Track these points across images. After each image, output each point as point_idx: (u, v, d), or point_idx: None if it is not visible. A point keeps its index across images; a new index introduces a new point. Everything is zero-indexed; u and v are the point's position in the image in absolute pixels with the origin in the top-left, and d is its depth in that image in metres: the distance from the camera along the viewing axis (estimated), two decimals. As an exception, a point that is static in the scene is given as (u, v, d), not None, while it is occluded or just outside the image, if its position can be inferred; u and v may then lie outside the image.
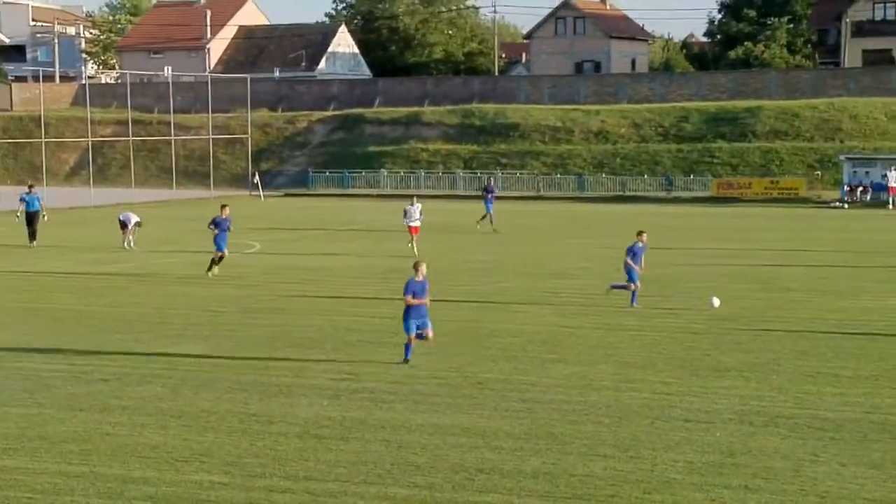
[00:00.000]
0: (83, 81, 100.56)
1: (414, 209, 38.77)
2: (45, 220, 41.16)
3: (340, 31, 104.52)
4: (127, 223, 39.65)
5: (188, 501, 12.79)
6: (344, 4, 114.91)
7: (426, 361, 20.10)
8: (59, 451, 14.75)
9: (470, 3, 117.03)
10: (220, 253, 31.58)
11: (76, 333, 23.22)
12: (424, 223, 40.06)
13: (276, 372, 19.34)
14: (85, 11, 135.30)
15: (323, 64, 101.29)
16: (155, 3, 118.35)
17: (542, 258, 36.51)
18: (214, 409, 16.84)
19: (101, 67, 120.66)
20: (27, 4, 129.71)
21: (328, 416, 16.41)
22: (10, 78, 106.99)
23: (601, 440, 15.12)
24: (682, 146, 73.23)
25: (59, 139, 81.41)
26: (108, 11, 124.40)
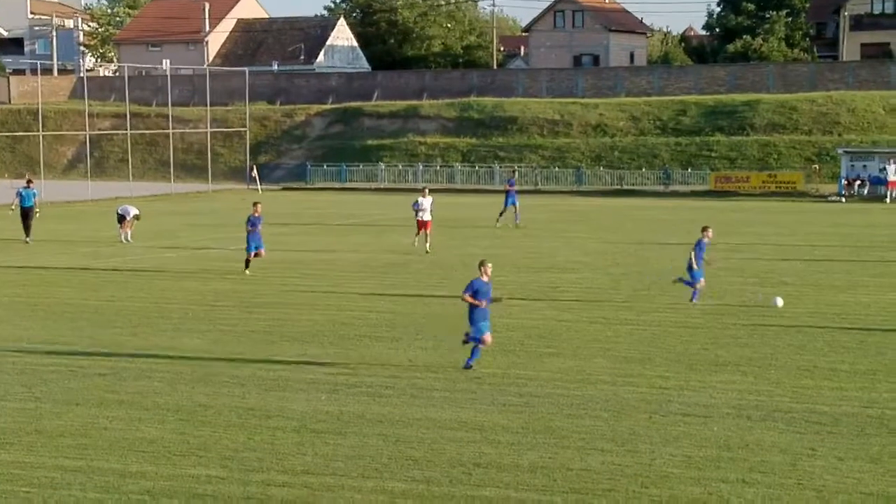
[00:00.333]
0: (81, 74, 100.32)
1: (426, 201, 37.02)
2: (37, 216, 40.79)
3: (339, 24, 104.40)
4: (125, 216, 39.51)
5: (185, 495, 12.80)
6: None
7: (423, 356, 20.11)
8: (55, 445, 14.75)
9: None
10: (255, 252, 30.92)
11: (73, 327, 23.21)
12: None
13: (273, 366, 19.34)
14: (83, 4, 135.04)
15: (321, 57, 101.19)
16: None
17: (539, 252, 36.49)
18: (212, 403, 16.84)
19: (99, 60, 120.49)
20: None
21: (326, 410, 16.41)
22: (7, 71, 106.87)
23: (599, 434, 15.13)
24: (680, 139, 73.20)
25: (56, 132, 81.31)
26: (106, 4, 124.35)
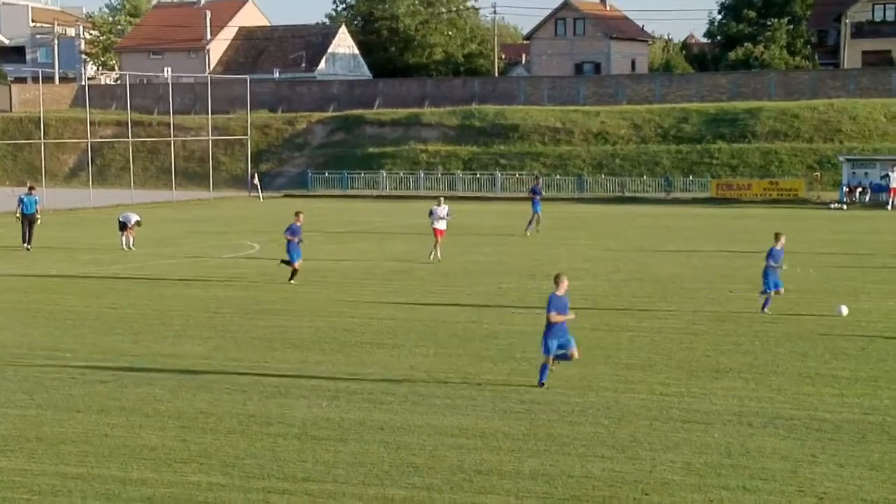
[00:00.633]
0: (83, 82, 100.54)
1: (441, 210, 37.04)
2: (37, 223, 40.81)
3: (340, 32, 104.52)
4: (127, 223, 39.55)
5: (186, 503, 12.80)
6: (344, 5, 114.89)
7: (425, 362, 20.11)
8: (56, 452, 14.76)
9: (470, 3, 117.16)
10: (296, 264, 30.67)
11: (75, 335, 23.22)
12: (424, 225, 39.86)
13: (274, 373, 19.35)
14: (85, 12, 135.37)
15: (323, 65, 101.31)
16: (155, 4, 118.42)
17: (541, 259, 36.49)
18: (213, 410, 16.84)
19: (100, 68, 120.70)
20: (27, 5, 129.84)
21: (327, 417, 16.41)
22: (9, 79, 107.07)
23: (600, 441, 15.12)
24: (681, 147, 73.21)
25: (58, 140, 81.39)
26: (107, 12, 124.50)
